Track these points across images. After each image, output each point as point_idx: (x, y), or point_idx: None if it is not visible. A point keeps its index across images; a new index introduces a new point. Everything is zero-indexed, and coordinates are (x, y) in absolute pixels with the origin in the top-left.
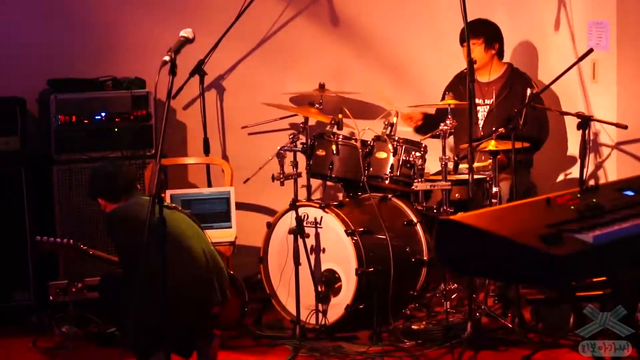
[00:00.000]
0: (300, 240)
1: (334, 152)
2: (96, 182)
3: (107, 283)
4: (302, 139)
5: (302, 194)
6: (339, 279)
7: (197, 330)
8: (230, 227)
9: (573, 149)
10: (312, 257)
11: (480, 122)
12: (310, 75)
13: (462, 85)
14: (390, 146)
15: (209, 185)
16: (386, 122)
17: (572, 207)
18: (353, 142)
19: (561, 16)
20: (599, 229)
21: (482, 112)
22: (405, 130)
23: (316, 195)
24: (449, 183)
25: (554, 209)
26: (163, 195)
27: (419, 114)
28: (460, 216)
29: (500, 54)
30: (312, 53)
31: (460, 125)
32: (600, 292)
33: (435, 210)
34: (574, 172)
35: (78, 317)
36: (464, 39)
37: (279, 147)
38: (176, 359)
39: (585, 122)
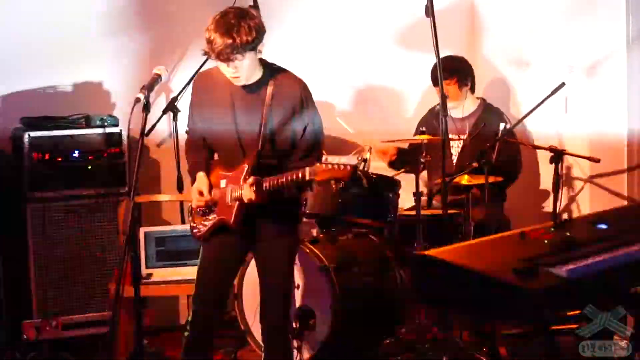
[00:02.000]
0: None
1: (309, 189)
2: None
3: None
4: None
5: None
6: (313, 315)
7: None
8: None
9: (546, 182)
10: None
11: (454, 157)
12: None
13: (436, 119)
14: (364, 182)
15: (183, 222)
16: (360, 158)
17: (546, 241)
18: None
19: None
20: (572, 262)
21: (455, 148)
22: (379, 166)
23: None
24: (424, 218)
25: (528, 243)
26: (136, 232)
27: (393, 148)
28: (434, 251)
29: (472, 89)
30: None
31: (433, 160)
32: (575, 326)
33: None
34: (548, 205)
35: (52, 355)
36: (436, 79)
37: None
38: None
39: (558, 156)
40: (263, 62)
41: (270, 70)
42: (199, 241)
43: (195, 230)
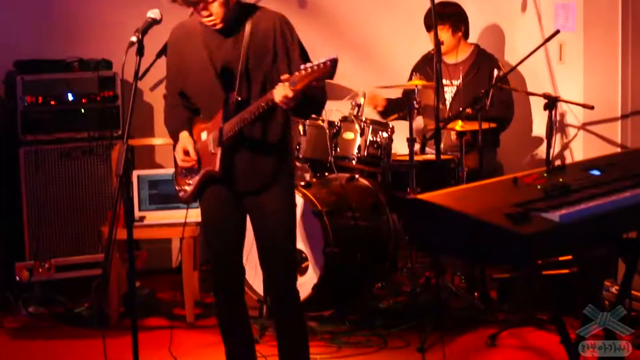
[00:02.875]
0: None
1: (301, 133)
2: None
3: None
4: None
5: None
6: (306, 259)
7: None
8: (197, 207)
9: (539, 129)
10: None
11: (448, 103)
12: None
13: (429, 66)
14: (357, 127)
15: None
16: (353, 103)
17: (539, 187)
18: (320, 123)
19: None
20: (565, 208)
21: (449, 93)
22: (372, 111)
23: None
24: (416, 163)
25: (521, 188)
26: (130, 175)
27: (382, 99)
28: (427, 195)
29: (466, 35)
30: None
31: (427, 106)
32: (567, 271)
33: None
34: (541, 152)
35: (45, 297)
36: (430, 25)
37: None
38: None
39: (551, 102)
40: (240, 4)
41: (248, 10)
42: (189, 202)
43: (181, 193)
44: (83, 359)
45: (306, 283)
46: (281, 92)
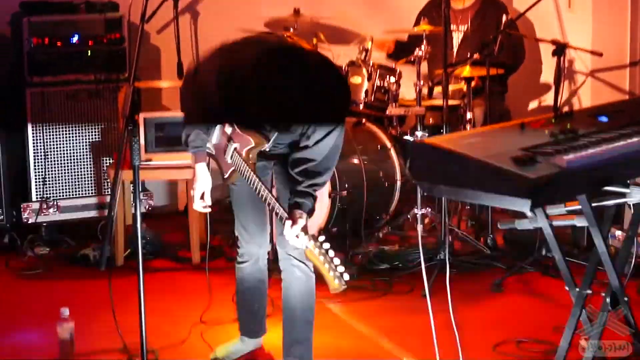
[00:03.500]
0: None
1: None
2: None
3: None
4: None
5: None
6: None
7: None
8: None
9: (547, 76)
10: None
11: (455, 48)
12: None
13: (436, 11)
14: (364, 71)
15: None
16: (361, 48)
17: (546, 132)
18: None
19: None
20: (572, 152)
21: (456, 38)
22: (380, 56)
23: None
24: (423, 108)
25: (528, 133)
26: (137, 117)
27: (390, 41)
28: (433, 139)
29: None
30: None
31: (434, 51)
32: (573, 217)
33: (409, 135)
34: (549, 99)
35: (50, 238)
36: None
37: None
38: None
39: (560, 49)
40: None
41: None
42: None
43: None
44: (88, 300)
45: (312, 227)
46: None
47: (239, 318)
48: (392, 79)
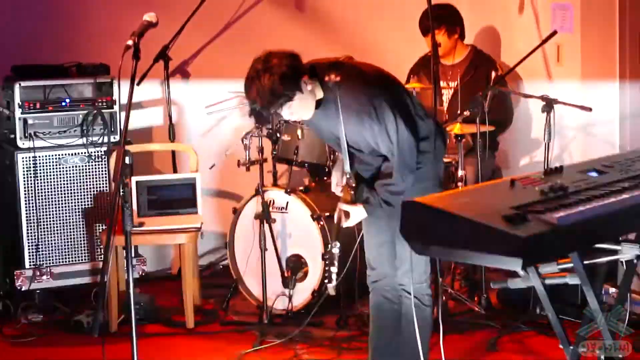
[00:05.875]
0: (266, 226)
1: (300, 137)
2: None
3: None
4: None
5: (268, 180)
6: (305, 264)
7: None
8: (197, 213)
9: (538, 131)
10: (278, 242)
11: (445, 105)
12: None
13: (427, 68)
14: None
15: (175, 171)
16: None
17: (537, 189)
18: (301, 123)
19: None
20: (563, 210)
21: (446, 95)
22: None
23: (282, 181)
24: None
25: (518, 190)
26: (128, 181)
27: None
28: (425, 198)
29: (462, 36)
30: (277, 37)
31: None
32: (565, 274)
33: None
34: (539, 155)
35: (44, 304)
36: (425, 29)
37: (244, 133)
38: None
39: (549, 104)
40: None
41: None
42: None
43: None
44: None
45: (306, 288)
46: None
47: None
48: None
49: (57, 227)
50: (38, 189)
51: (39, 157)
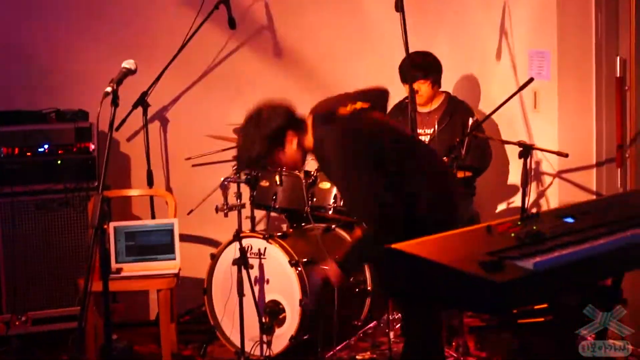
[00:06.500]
0: (244, 271)
1: (278, 182)
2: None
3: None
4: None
5: (246, 225)
6: (283, 310)
7: None
8: (174, 259)
9: (515, 177)
10: (256, 288)
11: None
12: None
13: (403, 114)
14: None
15: (153, 217)
16: None
17: (513, 235)
18: (296, 172)
19: (503, 45)
20: (539, 255)
21: None
22: None
23: (260, 226)
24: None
25: (495, 236)
26: (106, 227)
27: None
28: (402, 245)
29: (439, 84)
30: (256, 84)
31: None
32: (542, 319)
33: None
34: (517, 200)
35: (22, 350)
36: (405, 78)
37: (222, 179)
38: None
39: (526, 150)
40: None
41: None
42: None
43: None
44: None
45: (284, 334)
46: None
47: None
48: None
49: (35, 272)
50: (16, 234)
51: (17, 202)
